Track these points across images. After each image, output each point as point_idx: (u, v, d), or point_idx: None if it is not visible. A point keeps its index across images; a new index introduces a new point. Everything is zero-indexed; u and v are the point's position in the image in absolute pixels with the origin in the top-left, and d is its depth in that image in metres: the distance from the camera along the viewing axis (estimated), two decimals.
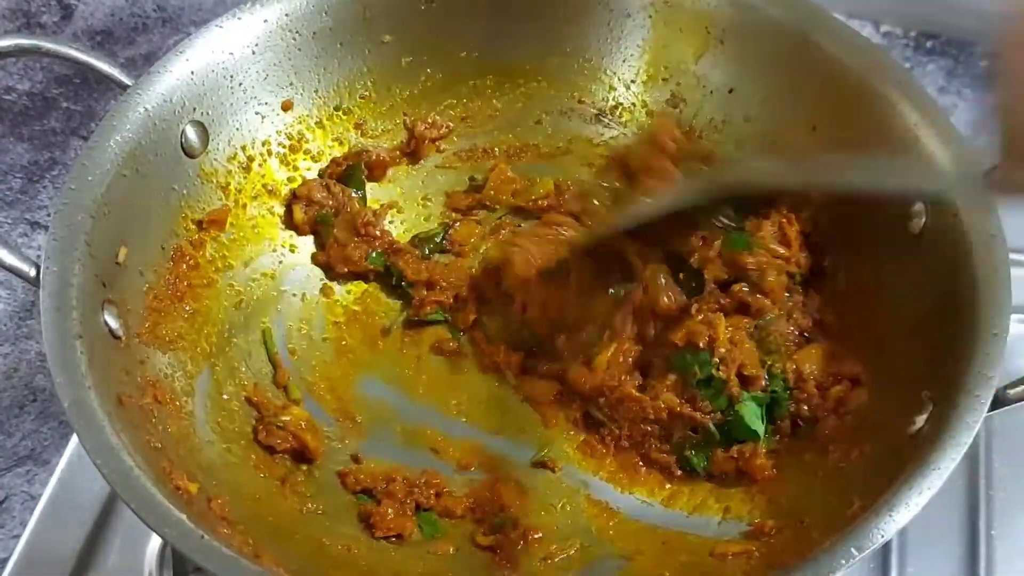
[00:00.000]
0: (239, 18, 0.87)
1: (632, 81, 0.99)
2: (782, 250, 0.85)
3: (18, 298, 1.08)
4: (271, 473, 0.81)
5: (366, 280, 0.96)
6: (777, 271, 0.84)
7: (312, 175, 0.96)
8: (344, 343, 0.93)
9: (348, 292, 0.96)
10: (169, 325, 0.81)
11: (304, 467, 0.84)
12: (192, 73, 0.84)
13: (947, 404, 0.67)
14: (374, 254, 0.94)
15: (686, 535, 0.81)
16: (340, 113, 0.96)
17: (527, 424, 0.89)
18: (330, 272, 0.95)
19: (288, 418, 0.83)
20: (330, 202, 0.94)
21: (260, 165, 0.92)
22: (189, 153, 0.85)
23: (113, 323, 0.73)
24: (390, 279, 0.95)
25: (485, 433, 0.89)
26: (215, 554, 0.61)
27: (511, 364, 0.91)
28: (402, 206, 1.00)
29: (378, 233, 0.94)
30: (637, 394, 0.84)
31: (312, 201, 0.93)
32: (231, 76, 0.87)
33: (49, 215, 1.12)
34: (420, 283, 0.94)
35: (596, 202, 0.88)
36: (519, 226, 0.98)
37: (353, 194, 0.95)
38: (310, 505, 0.81)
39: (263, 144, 0.92)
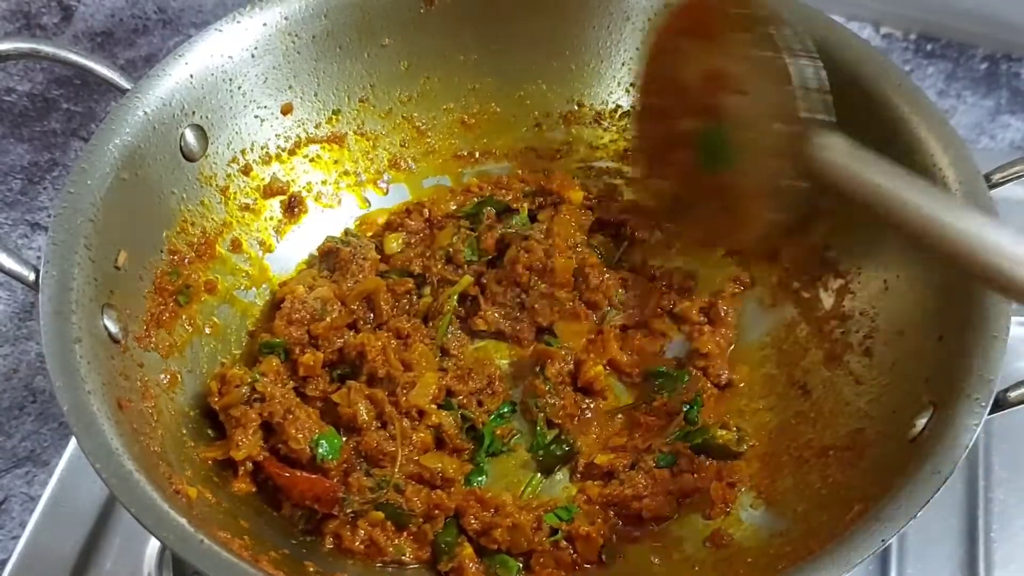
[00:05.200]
0: (238, 21, 0.87)
1: (631, 84, 0.99)
2: None
3: (18, 299, 1.08)
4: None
5: None
6: None
7: (311, 178, 0.96)
8: None
9: None
10: (168, 329, 0.81)
11: None
12: (191, 77, 0.84)
13: (947, 407, 0.67)
14: None
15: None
16: (339, 116, 0.96)
17: None
18: None
19: None
20: None
21: (259, 168, 0.92)
22: (188, 157, 0.85)
23: (112, 327, 0.73)
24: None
25: None
26: (214, 558, 0.61)
27: None
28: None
29: None
30: None
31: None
32: (230, 80, 0.87)
33: (49, 216, 1.12)
34: None
35: None
36: None
37: None
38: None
39: (262, 147, 0.92)
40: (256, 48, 0.88)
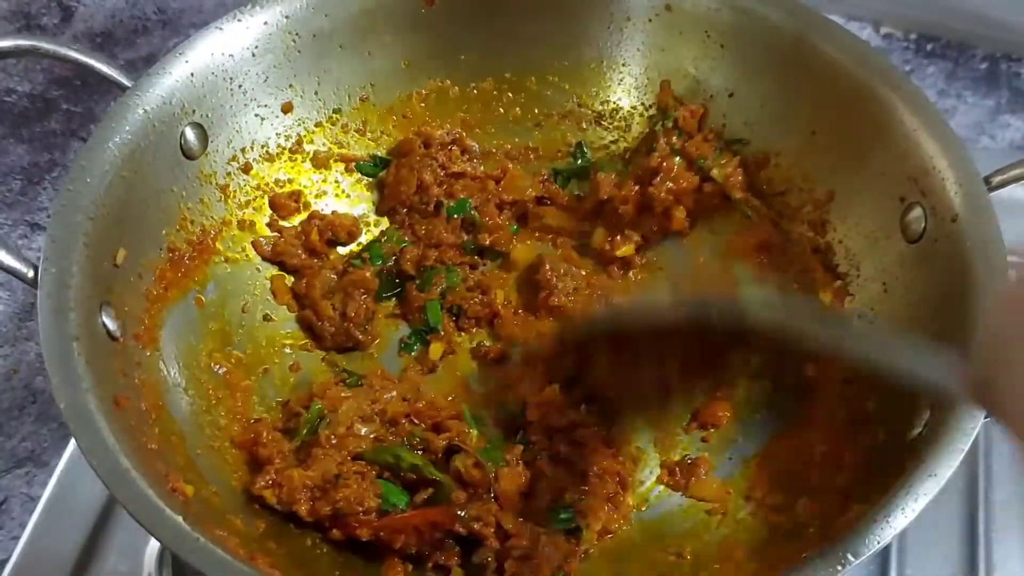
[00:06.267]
0: (239, 20, 0.87)
1: (632, 85, 0.99)
2: None
3: (18, 299, 1.08)
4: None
5: None
6: None
7: (311, 177, 0.96)
8: None
9: None
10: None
11: None
12: (192, 75, 0.84)
13: (945, 410, 0.67)
14: None
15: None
16: (340, 115, 0.96)
17: None
18: None
19: None
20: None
21: (259, 166, 0.92)
22: (188, 155, 0.85)
23: (111, 325, 0.73)
24: None
25: None
26: (210, 556, 0.61)
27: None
28: None
29: None
30: None
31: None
32: (231, 78, 0.87)
33: (49, 216, 1.12)
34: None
35: None
36: None
37: None
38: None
39: (262, 146, 0.92)
40: (257, 46, 0.88)
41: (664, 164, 0.94)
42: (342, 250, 0.96)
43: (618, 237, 0.96)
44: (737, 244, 0.95)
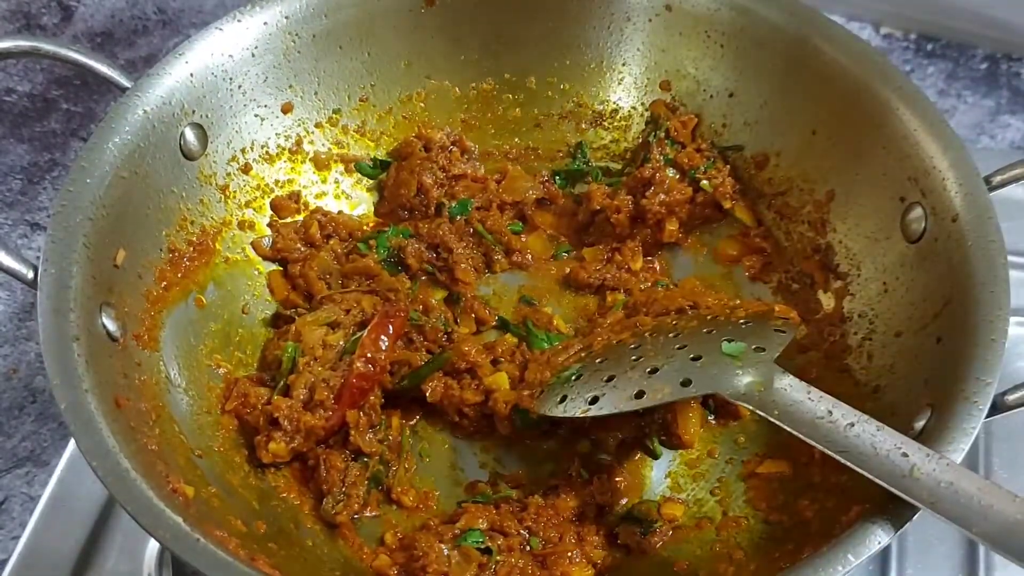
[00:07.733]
0: (239, 20, 0.87)
1: (632, 85, 0.99)
2: None
3: (17, 299, 1.08)
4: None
5: None
6: None
7: (311, 177, 0.96)
8: None
9: None
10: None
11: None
12: (191, 75, 0.84)
13: (945, 409, 0.67)
14: None
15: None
16: (340, 115, 0.96)
17: None
18: None
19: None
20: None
21: (259, 167, 0.92)
22: (188, 155, 0.85)
23: (111, 325, 0.73)
24: None
25: None
26: (210, 557, 0.61)
27: None
28: None
29: None
30: None
31: None
32: (230, 78, 0.87)
33: (49, 216, 1.12)
34: None
35: None
36: None
37: None
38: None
39: (262, 146, 0.92)
40: (256, 47, 0.88)
41: (657, 176, 0.93)
42: None
43: (627, 252, 0.96)
44: (730, 250, 0.96)
